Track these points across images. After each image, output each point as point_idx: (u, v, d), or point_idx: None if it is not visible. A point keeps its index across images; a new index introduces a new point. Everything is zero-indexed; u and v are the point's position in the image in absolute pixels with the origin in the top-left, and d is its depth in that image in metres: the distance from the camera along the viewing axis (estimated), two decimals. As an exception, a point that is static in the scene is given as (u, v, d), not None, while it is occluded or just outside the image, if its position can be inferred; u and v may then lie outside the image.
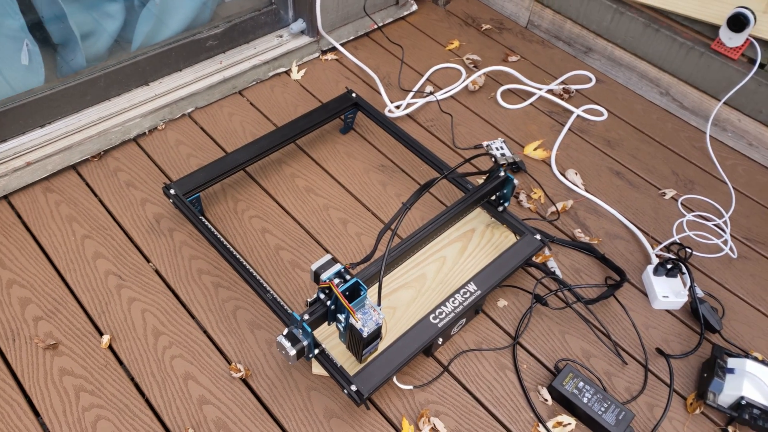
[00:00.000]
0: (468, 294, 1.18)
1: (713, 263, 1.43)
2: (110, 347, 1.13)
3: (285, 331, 1.00)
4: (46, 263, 1.24)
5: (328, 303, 1.01)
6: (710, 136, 1.73)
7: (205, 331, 1.17)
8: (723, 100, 1.65)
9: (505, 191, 1.33)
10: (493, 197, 1.35)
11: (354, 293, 1.02)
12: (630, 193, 1.56)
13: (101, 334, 1.15)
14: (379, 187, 1.48)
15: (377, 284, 1.06)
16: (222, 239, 1.19)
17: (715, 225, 1.51)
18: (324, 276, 1.01)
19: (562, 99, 1.78)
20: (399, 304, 1.24)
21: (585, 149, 1.66)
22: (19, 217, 1.32)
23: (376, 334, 1.03)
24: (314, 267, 1.03)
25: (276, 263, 1.30)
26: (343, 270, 1.03)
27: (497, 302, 1.29)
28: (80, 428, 1.02)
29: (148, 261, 1.27)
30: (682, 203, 1.55)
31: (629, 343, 1.26)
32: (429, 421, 1.09)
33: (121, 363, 1.11)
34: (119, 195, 1.37)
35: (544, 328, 1.26)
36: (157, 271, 1.25)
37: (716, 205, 1.55)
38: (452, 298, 1.17)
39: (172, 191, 1.25)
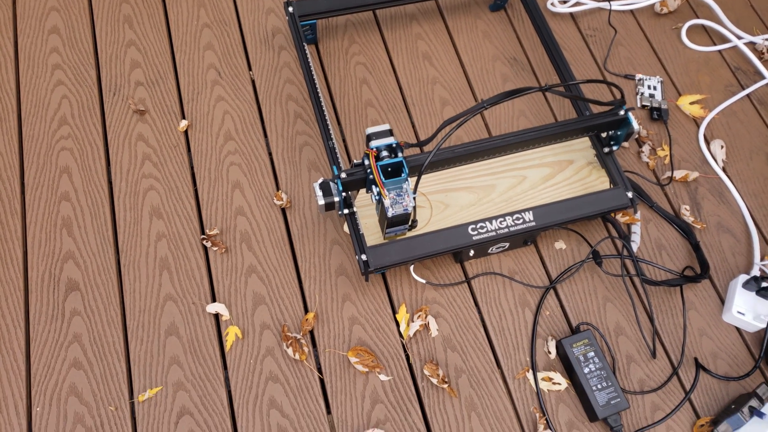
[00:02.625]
0: (521, 221, 1.12)
1: (826, 305, 1.22)
2: (185, 132, 1.24)
3: (320, 180, 1.03)
4: (165, 36, 1.34)
5: (368, 171, 1.01)
6: None
7: (269, 153, 1.24)
8: None
9: (618, 132, 1.18)
10: (605, 135, 1.21)
11: (396, 172, 1.01)
12: (775, 191, 1.33)
13: (183, 117, 1.25)
14: (498, 80, 1.38)
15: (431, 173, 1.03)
16: (314, 76, 1.19)
17: None
18: (373, 143, 1.00)
19: (761, 58, 1.49)
20: (454, 203, 1.21)
21: (752, 125, 1.41)
22: (163, -13, 1.41)
23: (404, 219, 1.02)
24: (369, 131, 1.01)
25: (359, 117, 1.30)
26: (395, 145, 1.01)
27: (555, 243, 1.22)
28: (134, 191, 1.17)
29: (250, 69, 1.32)
30: (833, 227, 1.30)
31: (671, 339, 1.15)
32: (425, 317, 1.11)
33: (189, 150, 1.22)
34: (251, -3, 1.41)
35: (588, 286, 1.18)
36: (252, 81, 1.31)
37: None
38: (502, 219, 1.12)
39: (290, 9, 1.26)
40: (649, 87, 1.41)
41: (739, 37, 1.50)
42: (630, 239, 1.22)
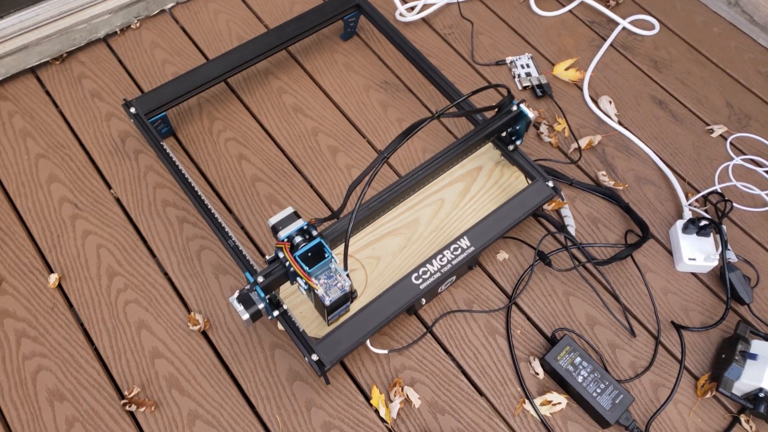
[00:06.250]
0: (459, 251, 1.03)
1: (755, 219, 1.23)
2: (59, 287, 1.04)
3: (237, 293, 0.88)
4: (-4, 185, 1.13)
5: (287, 264, 0.88)
6: (781, 60, 1.45)
7: (165, 273, 1.07)
8: (805, 19, 1.36)
9: (517, 127, 1.13)
10: (505, 134, 1.15)
11: (318, 254, 0.89)
12: (671, 127, 1.34)
13: (51, 271, 1.05)
14: (378, 110, 1.29)
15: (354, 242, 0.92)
16: (184, 171, 1.04)
17: (766, 171, 1.29)
18: (282, 234, 0.87)
19: (608, 6, 1.50)
20: (384, 253, 1.10)
21: (626, 71, 1.41)
22: (-26, 126, 1.20)
23: (344, 299, 0.91)
24: (272, 221, 0.88)
25: (251, 197, 1.16)
26: (306, 226, 0.89)
27: (497, 254, 1.14)
28: (19, 379, 0.96)
29: (110, 187, 1.14)
30: (731, 143, 1.33)
31: (642, 310, 1.11)
32: (402, 391, 0.99)
33: (71, 306, 1.03)
34: (83, 107, 1.22)
35: (546, 288, 1.12)
36: (118, 200, 1.13)
37: (773, 147, 1.32)
38: (440, 255, 1.02)
39: (132, 110, 1.09)
40: (522, 66, 1.38)
41: (583, -8, 1.51)
42: (566, 225, 1.17)
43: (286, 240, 0.88)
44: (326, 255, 0.88)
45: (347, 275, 0.88)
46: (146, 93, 1.12)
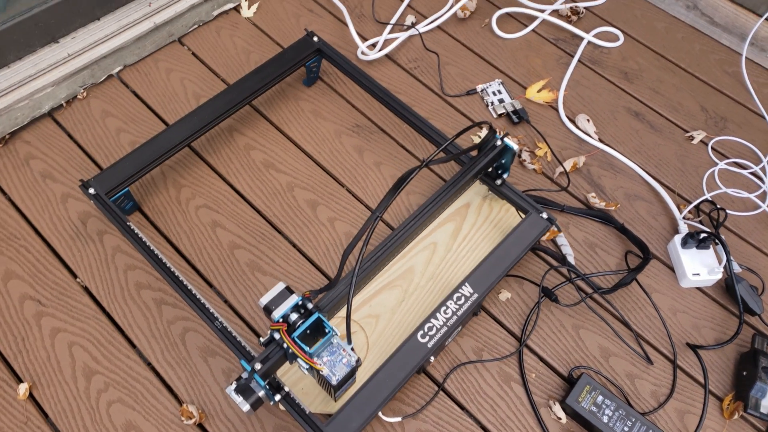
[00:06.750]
0: (462, 299, 0.97)
1: (748, 223, 1.21)
2: (31, 397, 0.93)
3: (234, 384, 0.80)
4: (-53, 290, 1.02)
5: (285, 346, 0.80)
6: (746, 58, 1.45)
7: (149, 364, 0.97)
8: (766, 16, 1.35)
9: (503, 161, 1.08)
10: (491, 169, 1.10)
11: (317, 330, 0.81)
12: (652, 138, 1.31)
13: (19, 381, 0.95)
14: (354, 156, 1.23)
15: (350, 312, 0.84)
16: (154, 249, 0.95)
17: (751, 173, 1.28)
18: (276, 314, 0.80)
19: (570, 22, 1.48)
20: (382, 310, 1.03)
21: (598, 86, 1.39)
22: None
23: (352, 374, 0.83)
24: (263, 301, 0.81)
25: (231, 266, 1.07)
26: (301, 301, 0.81)
27: (499, 294, 1.09)
28: None
29: (75, 276, 1.04)
30: (712, 147, 1.31)
31: (654, 334, 1.07)
32: (422, 460, 0.92)
33: (46, 417, 0.92)
34: (34, 191, 1.12)
35: (554, 323, 1.06)
36: (86, 289, 1.03)
37: (753, 147, 1.31)
38: (444, 307, 0.96)
39: (91, 190, 1.00)
40: (494, 93, 1.34)
41: (542, 11, 1.48)
42: (564, 255, 1.13)
43: (281, 320, 0.80)
44: (327, 330, 0.81)
45: (351, 349, 0.81)
46: (105, 170, 1.03)
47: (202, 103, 1.13)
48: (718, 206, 1.20)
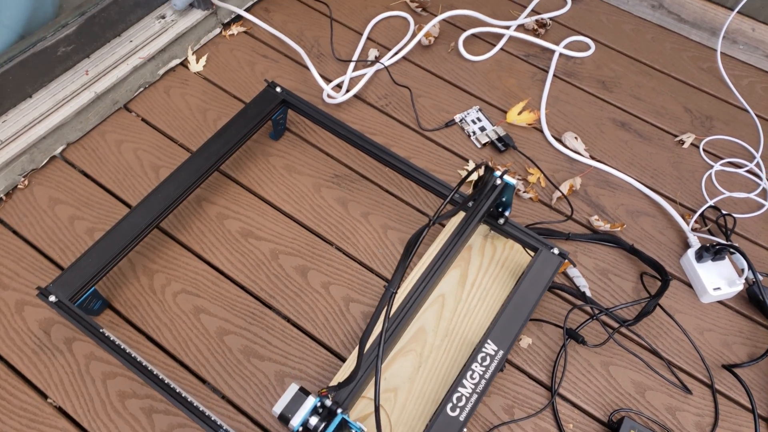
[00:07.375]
0: (488, 359, 0.88)
1: (755, 224, 1.16)
2: None
3: None
4: None
5: (312, 458, 0.70)
6: (720, 52, 1.41)
7: (146, 489, 0.85)
8: (737, 9, 1.32)
9: (503, 198, 1.00)
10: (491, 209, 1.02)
11: (342, 428, 0.71)
12: (642, 148, 1.26)
13: None
14: (338, 209, 1.13)
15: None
16: (132, 353, 0.83)
17: (747, 171, 1.23)
18: (295, 422, 0.69)
19: (538, 35, 1.42)
20: (399, 381, 0.93)
21: (578, 99, 1.33)
22: None
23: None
24: (277, 410, 0.70)
25: (223, 356, 0.96)
26: (319, 403, 0.71)
27: (519, 342, 1.00)
28: None
29: (46, 397, 0.91)
30: (704, 149, 1.26)
31: (686, 358, 1.00)
32: None
33: None
34: (-16, 302, 0.99)
35: (581, 364, 0.99)
36: (60, 410, 0.90)
37: (743, 144, 1.27)
38: (470, 372, 0.87)
39: (52, 298, 0.87)
40: (473, 122, 1.26)
41: (507, 27, 1.42)
42: (579, 287, 1.05)
43: (301, 429, 0.69)
44: (353, 428, 0.70)
45: (385, 448, 0.71)
46: (65, 272, 0.90)
47: (166, 177, 1.01)
48: (724, 212, 1.15)
